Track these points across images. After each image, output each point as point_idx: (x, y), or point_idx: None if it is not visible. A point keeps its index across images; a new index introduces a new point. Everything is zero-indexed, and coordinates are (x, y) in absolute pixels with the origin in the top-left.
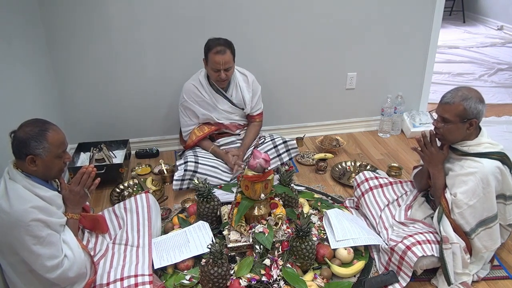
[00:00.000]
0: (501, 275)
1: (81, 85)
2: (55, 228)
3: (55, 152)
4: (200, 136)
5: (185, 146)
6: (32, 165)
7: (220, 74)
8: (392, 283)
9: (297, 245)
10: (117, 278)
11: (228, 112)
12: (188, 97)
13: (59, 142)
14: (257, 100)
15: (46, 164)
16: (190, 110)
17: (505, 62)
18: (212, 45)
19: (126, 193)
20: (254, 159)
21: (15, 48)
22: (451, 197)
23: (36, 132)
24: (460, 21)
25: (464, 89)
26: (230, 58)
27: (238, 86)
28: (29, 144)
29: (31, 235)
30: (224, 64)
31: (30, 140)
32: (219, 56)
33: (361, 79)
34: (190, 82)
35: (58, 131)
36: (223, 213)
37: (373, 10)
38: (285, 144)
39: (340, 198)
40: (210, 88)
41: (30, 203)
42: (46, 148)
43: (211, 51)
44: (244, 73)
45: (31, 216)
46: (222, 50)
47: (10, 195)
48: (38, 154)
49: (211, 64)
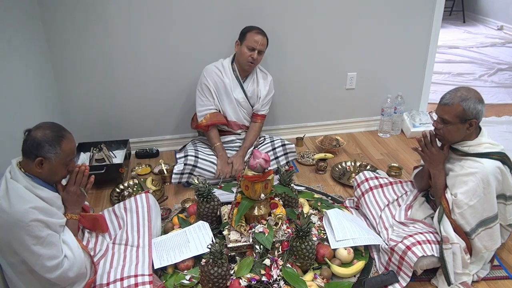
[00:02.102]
0: (501, 275)
1: (81, 85)
2: (55, 229)
3: (64, 159)
4: (215, 121)
5: (196, 125)
6: (38, 167)
7: (253, 54)
8: (392, 283)
9: (297, 245)
10: (117, 278)
11: (238, 103)
12: (209, 77)
13: (71, 150)
14: (268, 100)
15: (52, 169)
16: (208, 90)
17: (505, 62)
18: (253, 28)
19: (126, 193)
20: (254, 159)
21: (15, 48)
22: (452, 197)
23: (53, 136)
24: (460, 21)
25: (463, 90)
26: (265, 43)
27: (255, 81)
28: (43, 147)
29: (31, 235)
30: (261, 44)
31: (45, 142)
32: (259, 36)
33: (361, 79)
34: (213, 64)
35: (72, 140)
36: (223, 213)
37: (373, 10)
38: (283, 147)
39: (340, 198)
40: (231, 72)
41: (30, 204)
42: (58, 154)
43: (252, 30)
44: (265, 72)
45: (31, 217)
46: (262, 32)
47: (10, 195)
48: (49, 158)
49: (249, 42)
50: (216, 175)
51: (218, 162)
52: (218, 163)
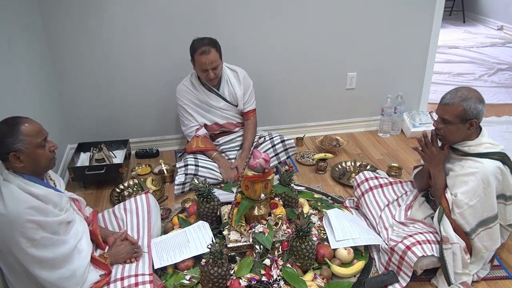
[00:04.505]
0: (501, 275)
1: (81, 85)
2: (52, 229)
3: (34, 143)
4: (202, 148)
5: (185, 149)
6: (17, 162)
7: (209, 74)
8: (392, 283)
9: (297, 245)
10: (117, 277)
11: (222, 110)
12: (183, 98)
13: (35, 131)
14: (249, 95)
15: (31, 157)
16: (186, 111)
17: (505, 62)
18: (197, 46)
19: (126, 193)
20: (254, 159)
21: (14, 48)
22: (452, 197)
23: (8, 129)
24: (460, 21)
25: (463, 90)
26: (216, 57)
27: (229, 82)
28: (5, 143)
29: (26, 237)
30: (210, 63)
31: (3, 138)
32: (205, 56)
33: (361, 79)
34: (182, 83)
35: (31, 122)
36: (223, 213)
37: (373, 10)
38: (282, 143)
39: (340, 198)
40: (202, 87)
41: (25, 204)
42: (23, 140)
43: (196, 52)
44: (235, 70)
45: (26, 217)
46: (207, 50)
47: (5, 196)
48: (18, 149)
49: (198, 65)
50: (224, 182)
51: (222, 170)
52: (222, 172)
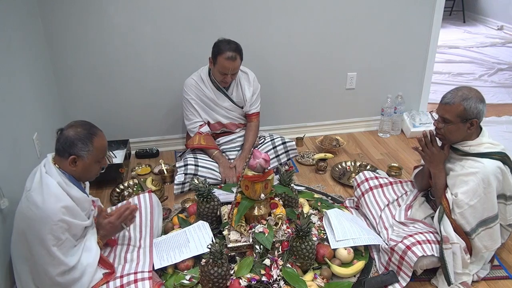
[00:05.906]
0: (501, 275)
1: (81, 85)
2: (75, 232)
3: (96, 157)
4: (204, 145)
5: (187, 145)
6: (72, 165)
7: (226, 77)
8: (392, 283)
9: (297, 245)
10: (117, 276)
11: (227, 110)
12: (190, 91)
13: (103, 147)
14: (256, 98)
15: (86, 167)
16: (191, 105)
17: (505, 62)
18: (224, 49)
19: (126, 193)
20: (254, 159)
21: (14, 48)
22: (452, 197)
23: (85, 134)
24: (460, 21)
25: (464, 89)
26: (238, 65)
27: (239, 84)
28: (76, 145)
29: (54, 235)
30: (232, 70)
31: (78, 141)
32: (229, 62)
33: (361, 79)
34: (191, 77)
35: (103, 137)
36: (223, 213)
37: (373, 10)
38: (284, 145)
39: (340, 198)
40: (211, 85)
41: (62, 202)
42: (90, 151)
43: (221, 55)
44: (246, 71)
45: (60, 216)
46: (233, 56)
47: (44, 190)
48: (82, 156)
49: (220, 67)
50: (222, 181)
51: (221, 169)
52: (221, 171)
